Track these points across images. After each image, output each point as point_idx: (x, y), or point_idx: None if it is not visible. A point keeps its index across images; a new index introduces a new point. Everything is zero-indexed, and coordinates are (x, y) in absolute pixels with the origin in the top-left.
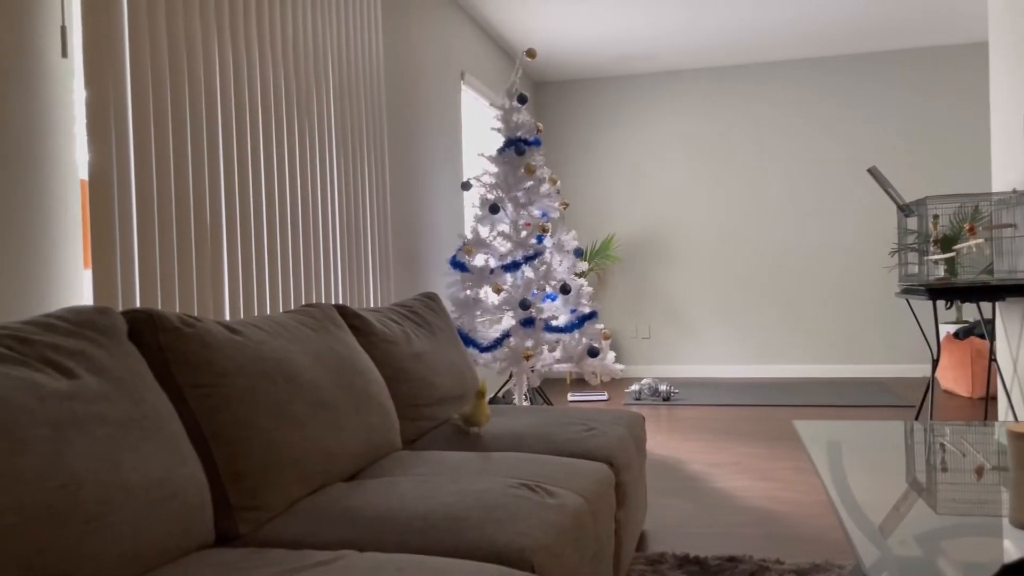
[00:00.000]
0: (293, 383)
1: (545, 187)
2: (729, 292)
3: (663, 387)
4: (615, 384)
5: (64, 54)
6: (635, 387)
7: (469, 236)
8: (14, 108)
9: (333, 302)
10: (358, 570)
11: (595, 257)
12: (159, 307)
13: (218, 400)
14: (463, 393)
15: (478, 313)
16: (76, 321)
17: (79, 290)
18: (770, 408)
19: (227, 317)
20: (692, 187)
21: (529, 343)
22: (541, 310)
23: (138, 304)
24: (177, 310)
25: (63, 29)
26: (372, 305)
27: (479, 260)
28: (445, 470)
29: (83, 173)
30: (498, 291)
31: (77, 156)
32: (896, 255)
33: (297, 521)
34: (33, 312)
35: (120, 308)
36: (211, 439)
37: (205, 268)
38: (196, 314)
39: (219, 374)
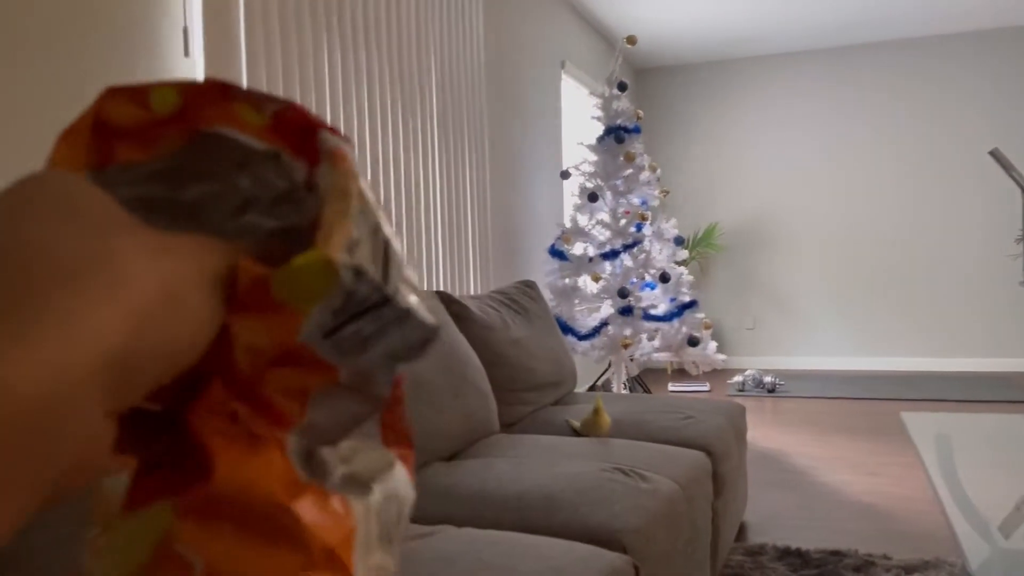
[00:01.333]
0: None
1: (645, 175)
2: (840, 281)
3: (768, 379)
4: (717, 375)
5: (187, 53)
6: (738, 378)
7: (568, 225)
8: None
9: (434, 289)
10: (455, 543)
11: (697, 246)
12: None
13: None
14: (560, 380)
15: (576, 301)
16: None
17: None
18: (881, 402)
19: None
20: (800, 172)
21: (627, 332)
22: (640, 299)
23: None
24: None
25: (185, 30)
26: (472, 292)
27: (578, 248)
28: (540, 453)
29: None
30: (596, 279)
31: None
32: (1021, 243)
33: None
34: None
35: None
36: None
37: None
38: None
39: None
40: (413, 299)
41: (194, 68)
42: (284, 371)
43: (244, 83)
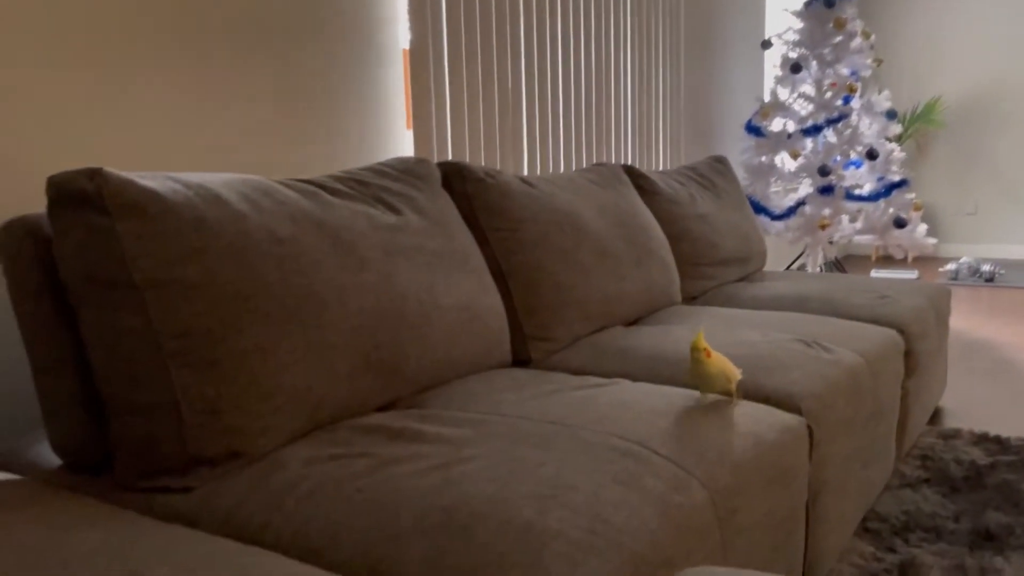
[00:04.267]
0: (579, 233)
1: (856, 42)
2: None
3: (986, 267)
4: (928, 262)
5: None
6: (951, 266)
7: (767, 99)
8: None
9: (621, 163)
10: (629, 393)
11: (915, 122)
12: (467, 161)
13: (514, 244)
14: (747, 256)
15: (772, 180)
16: (401, 169)
17: (403, 146)
18: None
19: (524, 172)
20: None
21: (826, 212)
22: (843, 177)
23: (450, 158)
24: (482, 164)
25: None
26: (660, 168)
27: (776, 124)
28: (721, 323)
29: (405, 44)
30: (795, 157)
31: (400, 31)
32: None
33: (580, 353)
34: (369, 162)
35: (435, 161)
36: (508, 276)
37: (506, 128)
38: (497, 168)
39: (515, 221)
40: None
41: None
42: None
43: None
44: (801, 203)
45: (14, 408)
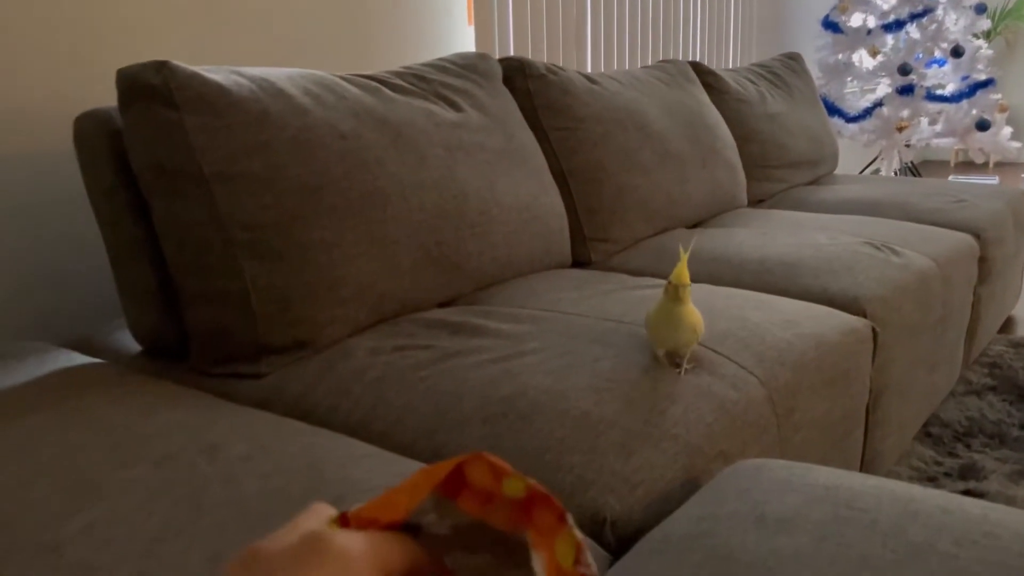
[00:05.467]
0: (643, 132)
1: None
2: None
3: None
4: (1010, 168)
5: None
6: None
7: None
8: None
9: (688, 59)
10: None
11: (1006, 17)
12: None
13: (575, 142)
14: (818, 159)
15: (849, 79)
16: (462, 64)
17: (464, 42)
18: None
19: (588, 69)
20: None
21: (905, 113)
22: (924, 76)
23: (511, 54)
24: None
25: None
26: (730, 65)
27: (856, 20)
28: (787, 226)
29: None
30: (874, 55)
31: None
32: None
33: (640, 255)
34: (430, 58)
35: (496, 57)
36: (569, 176)
37: (570, 23)
38: (560, 65)
39: (577, 119)
40: None
41: None
42: None
43: None
44: (878, 104)
45: (96, 295)
